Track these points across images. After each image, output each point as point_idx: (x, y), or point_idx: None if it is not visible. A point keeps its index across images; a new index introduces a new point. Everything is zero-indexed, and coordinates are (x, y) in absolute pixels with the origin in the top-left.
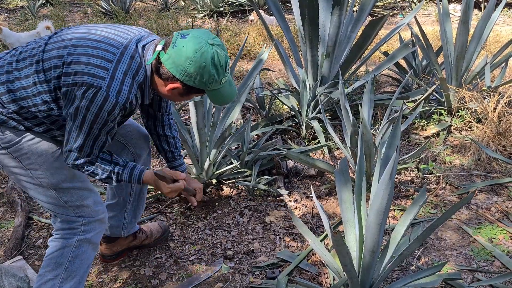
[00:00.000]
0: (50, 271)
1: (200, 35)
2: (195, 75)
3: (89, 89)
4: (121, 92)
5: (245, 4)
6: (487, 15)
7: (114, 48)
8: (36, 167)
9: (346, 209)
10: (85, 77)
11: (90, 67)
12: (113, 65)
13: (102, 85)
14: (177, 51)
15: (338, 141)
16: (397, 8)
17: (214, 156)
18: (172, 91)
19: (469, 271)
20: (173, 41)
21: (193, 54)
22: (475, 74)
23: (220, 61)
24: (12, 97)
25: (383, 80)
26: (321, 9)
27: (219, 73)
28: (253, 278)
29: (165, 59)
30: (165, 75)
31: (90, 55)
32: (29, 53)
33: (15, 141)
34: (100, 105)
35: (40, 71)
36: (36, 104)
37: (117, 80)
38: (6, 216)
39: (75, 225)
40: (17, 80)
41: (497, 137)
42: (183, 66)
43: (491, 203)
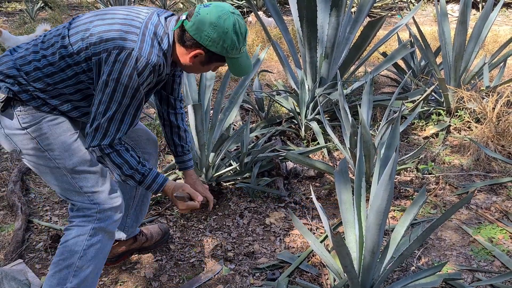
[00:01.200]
0: (64, 260)
1: (222, 4)
2: (218, 40)
3: (122, 52)
4: (152, 53)
5: (244, 6)
6: (485, 15)
7: (139, 18)
8: (54, 148)
9: (346, 210)
10: (116, 41)
11: (120, 33)
12: (141, 30)
13: (134, 47)
14: (201, 18)
15: (337, 142)
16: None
17: (213, 159)
18: (194, 59)
19: (469, 271)
20: (196, 10)
21: (217, 20)
22: (473, 74)
23: (240, 29)
24: (38, 75)
25: (382, 80)
26: (320, 11)
27: (239, 41)
28: (254, 279)
29: (189, 26)
30: (188, 42)
31: (118, 23)
32: (53, 33)
33: (35, 121)
34: (133, 66)
35: (67, 45)
36: (64, 79)
37: (147, 43)
38: (6, 219)
39: (90, 212)
40: (44, 58)
41: (496, 137)
42: (207, 31)
43: (491, 203)
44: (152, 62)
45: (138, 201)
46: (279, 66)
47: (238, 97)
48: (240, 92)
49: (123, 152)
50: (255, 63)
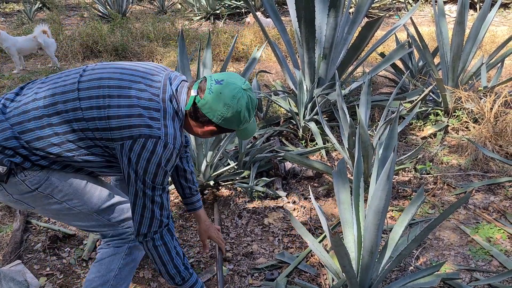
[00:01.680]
0: (100, 277)
1: (235, 81)
2: (231, 119)
3: (148, 140)
4: (176, 137)
5: (242, 7)
6: (483, 16)
7: (155, 96)
8: (71, 197)
9: (344, 210)
10: (142, 129)
11: (144, 120)
12: (162, 113)
13: (160, 134)
14: (215, 97)
15: (336, 142)
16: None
17: (211, 158)
18: (205, 132)
19: (467, 270)
20: (208, 86)
21: (231, 100)
22: (471, 75)
23: (252, 105)
24: (42, 144)
25: (380, 81)
26: (318, 11)
27: (251, 115)
28: (252, 279)
29: (202, 105)
30: (201, 119)
31: (137, 105)
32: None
33: (44, 179)
34: (161, 154)
35: (79, 119)
36: (72, 149)
37: (170, 127)
38: (5, 220)
39: (125, 235)
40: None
41: (493, 137)
42: (221, 111)
43: (489, 202)
44: (177, 146)
45: None
46: (277, 66)
47: None
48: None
49: (172, 248)
50: (251, 63)
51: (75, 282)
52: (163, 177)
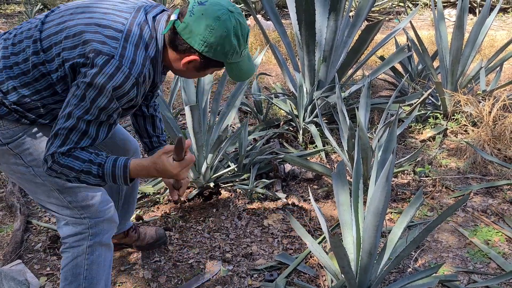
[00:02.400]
0: (69, 284)
1: (220, 1)
2: (215, 45)
3: (98, 56)
4: (135, 62)
5: (242, 9)
6: (482, 20)
7: (122, 17)
8: (38, 164)
9: (344, 211)
10: (94, 44)
11: (99, 35)
12: (124, 34)
13: (115, 53)
14: (196, 19)
15: (335, 145)
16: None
17: (211, 160)
18: (188, 65)
19: (465, 272)
20: (190, 9)
21: (214, 21)
22: (470, 78)
23: (242, 30)
24: (12, 85)
25: (379, 84)
26: (318, 14)
27: (240, 44)
28: (252, 280)
29: (181, 29)
30: (181, 47)
31: (96, 24)
32: (25, 34)
33: (16, 136)
34: (111, 75)
35: (38, 52)
36: (39, 90)
37: (130, 50)
38: (5, 220)
39: (81, 229)
40: (16, 65)
41: (492, 140)
42: (203, 35)
43: (487, 205)
44: (135, 73)
45: (124, 200)
46: (278, 69)
47: (236, 99)
48: (238, 94)
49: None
50: None
51: None
52: (106, 102)
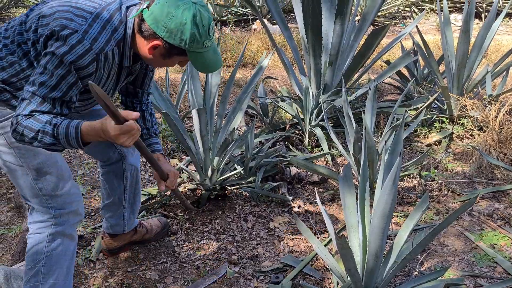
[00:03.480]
0: (31, 269)
1: None
2: (175, 32)
3: (64, 30)
4: (97, 40)
5: (248, 14)
6: (488, 25)
7: (96, 4)
8: (20, 145)
9: (350, 214)
10: (62, 20)
11: (69, 14)
12: (93, 16)
13: (79, 29)
14: (160, 7)
15: (341, 148)
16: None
17: (218, 163)
18: (153, 50)
19: (471, 276)
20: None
21: (175, 9)
22: (476, 83)
23: (202, 21)
24: (1, 65)
25: (385, 88)
26: (324, 19)
27: (201, 33)
28: (258, 282)
29: (147, 15)
30: (146, 32)
31: (69, 6)
32: (16, 21)
33: (4, 117)
34: (72, 45)
35: (22, 32)
36: (23, 68)
37: (95, 28)
38: (14, 221)
39: (45, 217)
40: (5, 47)
41: (498, 144)
42: (164, 21)
43: (493, 209)
44: (95, 49)
45: (130, 193)
46: (284, 72)
47: (243, 103)
48: (244, 98)
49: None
50: (258, 71)
51: (82, 283)
52: (65, 72)
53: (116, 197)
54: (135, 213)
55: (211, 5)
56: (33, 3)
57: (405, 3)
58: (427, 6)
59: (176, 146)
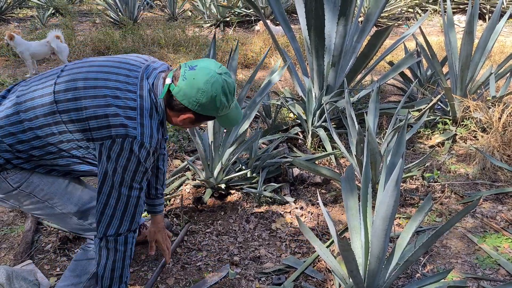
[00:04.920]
0: (74, 277)
1: (208, 66)
2: (207, 105)
3: (125, 140)
4: (152, 136)
5: (251, 15)
6: (492, 26)
7: (132, 94)
8: (52, 196)
9: (352, 216)
10: (119, 129)
11: (121, 119)
12: (138, 111)
13: (136, 134)
14: (188, 83)
15: (344, 149)
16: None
17: (226, 160)
18: (184, 121)
19: (474, 279)
20: (182, 73)
21: (204, 85)
22: (479, 84)
23: (229, 89)
24: (25, 147)
25: (388, 89)
26: (327, 20)
27: (229, 100)
28: (259, 284)
29: (176, 92)
30: (177, 107)
31: (113, 105)
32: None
33: (25, 178)
34: (138, 153)
35: (58, 122)
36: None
37: (147, 126)
38: (16, 221)
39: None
40: (30, 130)
41: (502, 146)
42: (195, 97)
43: (496, 212)
44: (154, 145)
45: None
46: (286, 73)
47: (256, 105)
48: (253, 107)
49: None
50: (266, 84)
51: None
52: (142, 175)
53: None
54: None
55: (214, 5)
56: (37, 4)
57: (408, 4)
58: (430, 7)
59: (178, 147)
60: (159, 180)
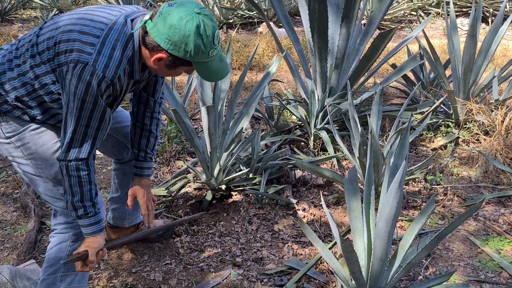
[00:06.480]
0: (50, 266)
1: (187, 3)
2: (179, 44)
3: (77, 66)
4: (108, 66)
5: (254, 17)
6: (495, 29)
7: (102, 24)
8: (36, 157)
9: (355, 217)
10: (73, 54)
11: (77, 43)
12: (101, 39)
13: (89, 60)
14: (162, 19)
15: (347, 152)
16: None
17: (225, 162)
18: (158, 62)
19: (477, 281)
20: (160, 9)
21: (178, 21)
22: (482, 87)
23: (206, 31)
24: (13, 85)
25: (391, 92)
26: (331, 22)
27: (206, 44)
28: (262, 285)
29: (150, 27)
30: (150, 45)
31: (78, 31)
32: (26, 40)
33: (18, 130)
34: (88, 81)
35: (35, 55)
36: (36, 89)
37: (104, 55)
38: (20, 220)
39: (70, 219)
40: (17, 67)
41: (504, 149)
42: (167, 34)
43: (499, 215)
44: (108, 76)
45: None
46: (289, 75)
47: (249, 107)
48: (251, 102)
49: (85, 182)
50: (265, 76)
51: (87, 283)
52: (92, 106)
53: (123, 193)
54: (138, 210)
55: (217, 7)
56: (41, 5)
57: (411, 7)
58: (433, 10)
59: (181, 148)
60: (149, 143)
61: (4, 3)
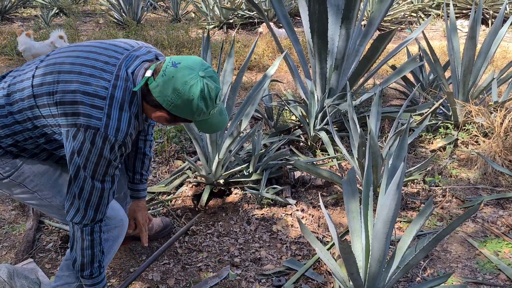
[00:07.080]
0: (67, 276)
1: (192, 65)
2: (182, 107)
3: (87, 131)
4: (119, 129)
5: (255, 17)
6: (495, 31)
7: (105, 81)
8: (41, 188)
9: (353, 218)
10: (80, 118)
11: (82, 108)
12: (107, 102)
13: (100, 126)
14: (166, 80)
15: (345, 152)
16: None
17: (224, 154)
18: (158, 118)
19: (475, 283)
20: (163, 68)
21: (182, 86)
22: (482, 89)
23: (210, 94)
24: (7, 132)
25: (390, 93)
26: (330, 23)
27: (208, 106)
28: (260, 285)
29: (153, 87)
30: (152, 103)
31: (81, 93)
32: (17, 86)
33: (16, 167)
34: (101, 147)
35: (33, 106)
36: (32, 137)
37: (114, 118)
38: (18, 219)
39: None
40: (10, 115)
41: (503, 151)
42: (171, 97)
43: (497, 217)
44: (120, 139)
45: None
46: (289, 76)
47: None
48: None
49: (97, 244)
50: (262, 77)
51: None
52: (105, 168)
53: (121, 193)
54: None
55: (217, 7)
56: (41, 4)
57: (411, 9)
58: (433, 12)
59: (180, 147)
60: (144, 165)
61: (4, 2)
